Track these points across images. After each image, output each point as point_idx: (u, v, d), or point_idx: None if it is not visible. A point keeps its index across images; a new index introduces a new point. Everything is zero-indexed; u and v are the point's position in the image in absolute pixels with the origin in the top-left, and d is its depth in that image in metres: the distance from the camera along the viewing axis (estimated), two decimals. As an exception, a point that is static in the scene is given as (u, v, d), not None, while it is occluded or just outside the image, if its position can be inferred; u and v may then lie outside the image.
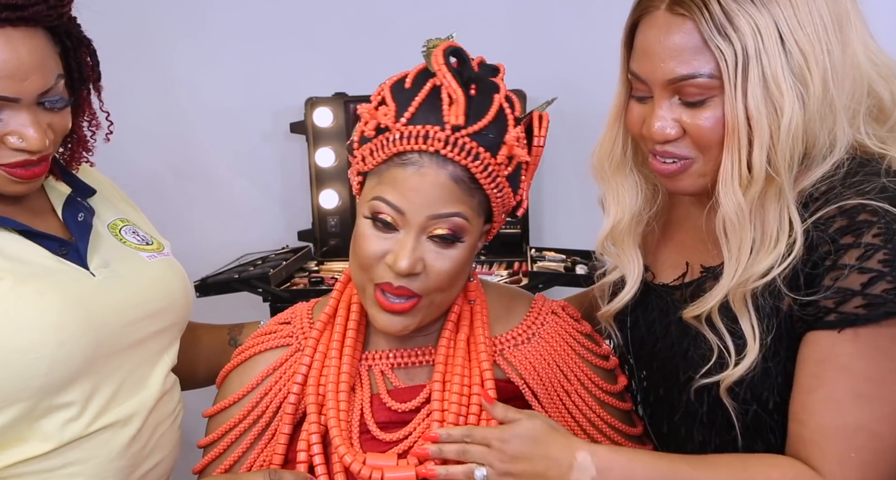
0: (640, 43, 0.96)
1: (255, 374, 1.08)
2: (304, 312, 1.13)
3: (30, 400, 0.95)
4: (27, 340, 0.94)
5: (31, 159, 0.98)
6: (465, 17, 2.23)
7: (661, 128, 0.94)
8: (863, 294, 0.85)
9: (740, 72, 0.88)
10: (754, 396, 0.95)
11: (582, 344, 1.10)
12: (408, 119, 0.93)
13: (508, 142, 0.94)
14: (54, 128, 1.01)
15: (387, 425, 1.01)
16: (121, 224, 1.18)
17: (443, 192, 0.93)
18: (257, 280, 1.86)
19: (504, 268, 2.10)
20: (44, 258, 1.02)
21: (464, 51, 0.96)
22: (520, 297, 1.15)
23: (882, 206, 0.86)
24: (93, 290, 1.03)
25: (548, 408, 1.04)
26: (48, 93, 0.99)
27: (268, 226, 2.35)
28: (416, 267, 0.94)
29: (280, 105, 2.25)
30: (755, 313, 0.93)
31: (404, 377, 1.05)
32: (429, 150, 0.92)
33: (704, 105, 0.92)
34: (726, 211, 0.92)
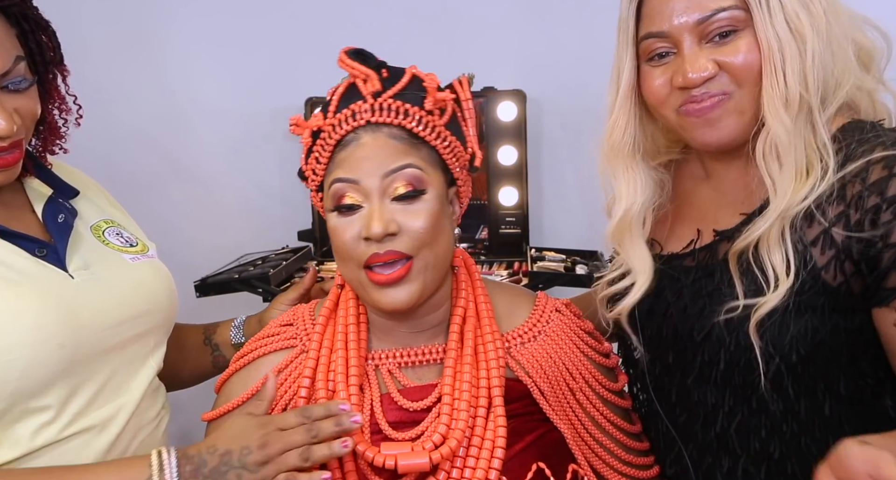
0: (655, 3, 0.99)
1: (259, 377, 1.07)
2: (305, 313, 1.13)
3: (2, 403, 0.93)
4: (1, 343, 0.93)
5: (2, 145, 0.96)
6: (465, 17, 2.23)
7: (699, 69, 0.96)
8: None
9: (763, 4, 0.93)
10: (777, 348, 0.95)
11: (585, 342, 1.11)
12: (333, 111, 0.99)
13: (428, 87, 0.98)
14: (22, 112, 1.00)
15: (398, 424, 1.00)
16: (104, 225, 1.16)
17: (386, 151, 0.96)
18: (257, 280, 1.86)
19: (504, 268, 2.10)
20: (21, 259, 1.00)
21: (365, 51, 1.02)
22: (523, 295, 1.15)
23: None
24: (72, 292, 1.02)
25: (554, 407, 1.04)
26: (8, 75, 0.97)
27: (268, 226, 2.35)
28: (390, 227, 0.95)
29: (280, 105, 2.25)
30: (791, 246, 0.93)
31: (413, 376, 1.05)
32: (360, 124, 0.97)
33: (735, 37, 0.95)
34: (777, 133, 0.94)
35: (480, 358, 1.03)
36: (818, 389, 0.97)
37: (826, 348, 0.95)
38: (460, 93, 1.03)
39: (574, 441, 1.04)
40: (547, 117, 2.25)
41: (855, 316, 0.94)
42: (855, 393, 0.97)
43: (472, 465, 0.96)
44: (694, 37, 0.97)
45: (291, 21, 2.26)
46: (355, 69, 1.00)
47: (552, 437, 1.03)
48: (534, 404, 1.03)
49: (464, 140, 1.03)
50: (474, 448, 0.97)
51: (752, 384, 0.97)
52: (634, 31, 1.02)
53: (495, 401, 1.00)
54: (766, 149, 0.96)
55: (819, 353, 0.95)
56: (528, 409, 1.04)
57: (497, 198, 2.18)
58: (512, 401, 1.02)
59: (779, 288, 0.93)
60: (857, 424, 0.96)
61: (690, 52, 0.97)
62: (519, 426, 1.01)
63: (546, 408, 1.03)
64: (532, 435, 1.02)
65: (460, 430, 0.96)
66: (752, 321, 0.94)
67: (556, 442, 1.03)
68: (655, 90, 1.01)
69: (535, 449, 1.01)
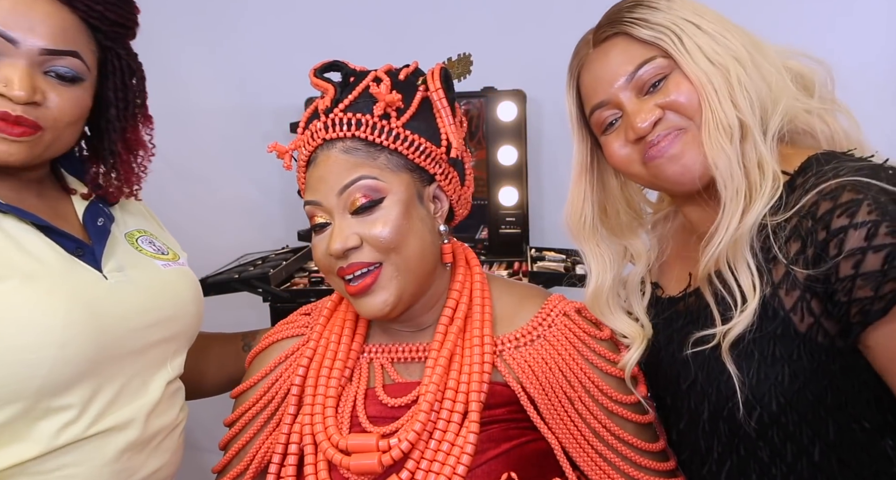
0: (588, 79, 1.06)
1: (270, 361, 1.13)
2: (324, 305, 1.15)
3: (28, 400, 0.94)
4: (30, 339, 0.93)
5: (9, 113, 0.94)
6: (465, 17, 2.23)
7: (644, 116, 1.00)
8: (885, 271, 0.83)
9: (681, 45, 0.99)
10: (756, 397, 0.94)
11: (593, 350, 1.05)
12: (300, 132, 1.04)
13: (375, 93, 0.99)
14: (55, 103, 0.97)
15: (377, 419, 1.01)
16: (138, 234, 1.17)
17: (339, 167, 0.99)
18: (257, 280, 1.86)
19: (504, 268, 2.09)
20: (59, 256, 1.00)
21: (340, 63, 1.05)
22: (532, 296, 1.10)
23: (861, 180, 0.86)
24: (104, 293, 1.02)
25: (546, 416, 1.00)
26: (56, 58, 0.96)
27: (268, 226, 2.35)
28: (349, 242, 0.97)
29: (280, 105, 2.25)
30: (754, 266, 0.94)
31: (404, 372, 1.06)
32: (318, 143, 1.01)
33: (667, 81, 1.00)
34: (719, 161, 0.96)
35: (465, 361, 1.01)
36: (804, 436, 0.95)
37: (808, 394, 0.93)
38: (430, 84, 1.03)
39: (575, 452, 1.01)
40: (547, 117, 2.25)
41: (834, 361, 0.92)
42: (847, 438, 0.94)
43: (436, 470, 0.95)
44: (631, 93, 1.02)
45: (292, 21, 2.26)
46: (318, 85, 1.04)
47: (535, 447, 1.00)
48: (520, 411, 1.00)
49: (435, 133, 1.02)
50: (441, 453, 0.96)
51: (737, 432, 0.97)
52: (579, 114, 1.09)
53: (472, 406, 0.98)
54: (720, 181, 0.97)
55: (800, 400, 0.93)
56: (512, 416, 1.01)
57: (497, 198, 2.18)
58: (496, 406, 1.00)
59: (746, 309, 0.93)
60: (852, 467, 0.94)
61: (633, 107, 1.01)
62: (497, 433, 0.99)
63: (533, 416, 1.00)
64: (509, 444, 0.98)
65: (414, 432, 0.95)
66: (724, 346, 0.94)
67: (540, 453, 1.00)
68: (616, 153, 1.04)
69: (508, 458, 0.97)
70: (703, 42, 0.99)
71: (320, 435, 0.99)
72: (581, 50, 1.09)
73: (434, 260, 1.03)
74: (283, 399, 1.08)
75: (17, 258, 0.96)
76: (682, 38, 0.99)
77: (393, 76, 1.04)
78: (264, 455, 1.07)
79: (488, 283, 1.10)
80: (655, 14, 1.01)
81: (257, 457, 1.07)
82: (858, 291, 0.85)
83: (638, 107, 1.01)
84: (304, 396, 1.05)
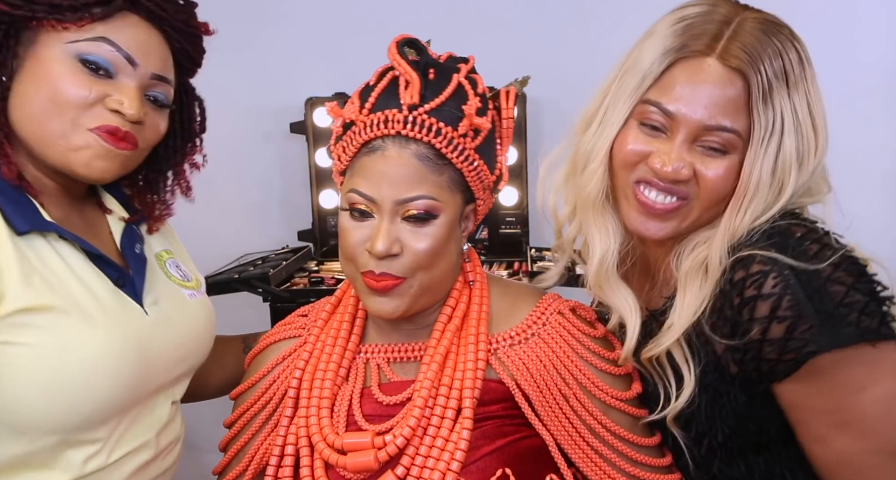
0: (682, 82, 0.97)
1: (268, 362, 1.13)
2: (320, 306, 1.16)
3: (67, 432, 0.95)
4: (85, 377, 0.94)
5: (118, 128, 0.98)
6: (465, 16, 2.23)
7: (678, 168, 0.97)
8: (787, 340, 0.90)
9: (766, 140, 0.95)
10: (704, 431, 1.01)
11: (588, 348, 1.06)
12: (369, 109, 0.97)
13: (467, 111, 0.96)
14: (146, 123, 1.02)
15: (373, 417, 1.02)
16: (166, 256, 1.18)
17: (407, 173, 0.95)
18: (257, 280, 1.86)
19: (504, 268, 2.10)
20: (105, 288, 1.01)
21: (419, 41, 1.00)
22: (527, 295, 1.12)
23: (766, 255, 0.92)
24: (147, 332, 1.03)
25: (541, 413, 1.01)
26: (159, 84, 1.03)
27: (268, 226, 2.35)
28: (393, 249, 0.96)
29: (280, 105, 2.25)
30: (688, 349, 0.99)
31: (399, 371, 1.06)
32: (390, 133, 0.96)
33: (722, 157, 0.97)
34: (712, 261, 0.97)
35: (460, 359, 1.02)
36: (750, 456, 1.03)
37: (749, 425, 1.00)
38: (503, 107, 1.02)
39: (570, 449, 1.01)
40: (547, 117, 2.25)
41: (765, 398, 0.98)
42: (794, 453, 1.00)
43: (430, 466, 0.96)
44: (690, 134, 0.97)
45: (292, 21, 2.26)
46: (401, 66, 0.98)
47: (528, 443, 1.01)
48: (515, 407, 1.01)
49: (493, 162, 1.02)
50: (436, 449, 0.97)
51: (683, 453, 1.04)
52: (645, 89, 1.00)
53: (465, 403, 0.99)
54: (693, 265, 0.99)
55: (744, 431, 1.00)
56: (507, 412, 1.02)
57: (497, 198, 2.18)
58: (490, 403, 1.01)
59: (684, 391, 0.99)
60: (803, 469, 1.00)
61: (680, 149, 0.98)
62: (491, 429, 1.00)
63: (528, 412, 1.01)
64: (503, 440, 0.99)
65: (409, 427, 0.96)
66: (668, 418, 1.01)
67: (535, 449, 1.01)
68: (629, 151, 1.02)
69: (503, 454, 0.98)
70: (788, 147, 0.96)
71: (315, 437, 1.00)
72: (702, 37, 0.97)
73: (454, 278, 1.06)
74: (281, 400, 1.08)
75: (76, 290, 0.97)
76: (773, 136, 0.95)
77: (472, 84, 1.00)
78: (263, 455, 1.07)
79: (487, 283, 1.11)
80: (783, 85, 0.95)
81: (256, 458, 1.08)
82: (765, 354, 0.92)
83: (684, 153, 0.97)
84: (300, 399, 1.05)
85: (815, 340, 0.88)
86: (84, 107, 0.96)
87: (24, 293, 0.90)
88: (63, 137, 0.96)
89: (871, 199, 2.13)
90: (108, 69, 0.97)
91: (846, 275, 0.90)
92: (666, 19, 1.01)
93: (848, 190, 1.05)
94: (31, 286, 0.91)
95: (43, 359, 0.91)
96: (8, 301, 0.89)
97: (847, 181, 1.08)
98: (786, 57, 0.96)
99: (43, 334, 0.91)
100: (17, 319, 0.90)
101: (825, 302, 0.89)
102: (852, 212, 1.01)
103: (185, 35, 1.06)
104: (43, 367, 0.91)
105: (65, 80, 0.95)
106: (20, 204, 0.96)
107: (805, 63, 0.98)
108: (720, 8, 0.99)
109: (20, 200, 0.96)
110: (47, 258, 0.96)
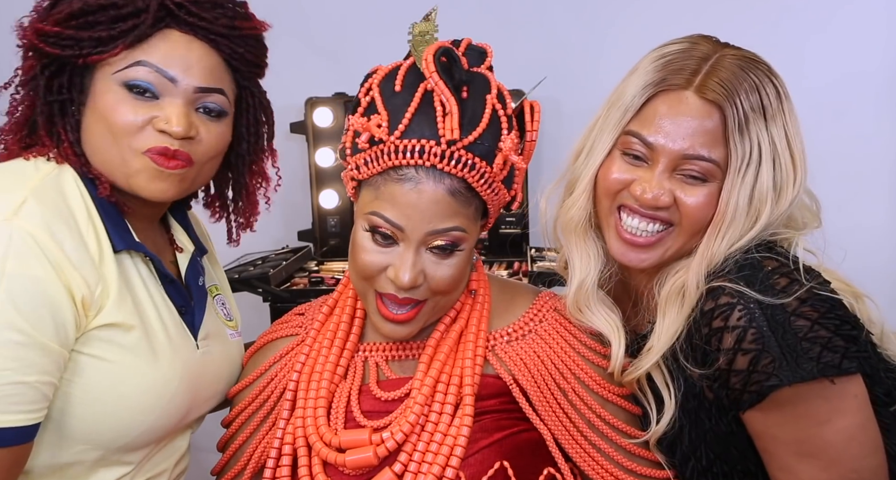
0: (661, 114, 1.02)
1: (265, 360, 1.13)
2: (318, 305, 1.16)
3: (109, 451, 0.97)
4: (143, 400, 0.97)
5: (168, 147, 0.98)
6: (465, 16, 2.22)
7: (657, 194, 1.01)
8: (750, 372, 0.93)
9: (743, 169, 0.99)
10: (689, 453, 1.03)
11: (584, 343, 1.08)
12: (402, 132, 0.94)
13: (504, 150, 0.96)
14: (203, 137, 1.01)
15: (371, 413, 1.02)
16: (215, 291, 1.19)
17: (440, 207, 0.94)
18: (257, 280, 1.86)
19: (504, 268, 2.10)
20: (172, 315, 1.03)
21: (454, 50, 0.96)
22: (524, 293, 1.13)
23: (734, 288, 0.95)
24: (197, 366, 1.05)
25: (538, 407, 1.02)
26: (207, 95, 1.01)
27: (268, 226, 2.35)
28: (418, 280, 0.96)
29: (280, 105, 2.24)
30: (668, 374, 1.01)
31: (397, 369, 1.07)
32: (425, 165, 0.93)
33: (703, 184, 1.01)
34: (689, 286, 0.99)
35: (458, 356, 1.03)
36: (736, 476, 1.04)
37: (733, 450, 1.02)
38: (527, 122, 1.02)
39: (567, 443, 1.02)
40: (547, 117, 2.25)
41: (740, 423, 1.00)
42: None
43: (429, 460, 0.96)
44: (670, 163, 1.01)
45: (292, 21, 2.26)
46: (438, 86, 0.93)
47: (526, 437, 1.01)
48: (512, 402, 1.02)
49: (510, 180, 1.02)
50: (434, 444, 0.97)
51: None
52: (627, 121, 1.05)
53: (465, 400, 1.00)
54: (673, 289, 1.01)
55: (728, 455, 1.02)
56: (504, 406, 1.03)
57: (497, 198, 2.18)
58: (487, 398, 1.02)
59: (665, 414, 1.01)
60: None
61: (661, 177, 1.01)
62: (489, 423, 1.00)
63: (525, 407, 1.02)
64: (501, 433, 1.00)
65: (408, 423, 0.97)
66: (651, 443, 1.04)
67: (532, 443, 1.01)
68: (612, 179, 1.05)
69: (500, 447, 0.99)
70: (766, 175, 0.99)
71: (313, 436, 1.00)
72: (682, 72, 1.02)
73: (462, 291, 1.07)
74: (279, 398, 1.08)
75: (151, 314, 1.00)
76: (749, 166, 0.99)
77: (502, 103, 0.99)
78: (261, 454, 1.07)
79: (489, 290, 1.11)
80: (760, 117, 0.99)
81: (254, 457, 1.08)
82: (732, 384, 0.95)
83: (663, 182, 1.01)
84: (297, 399, 1.06)
85: (777, 374, 0.91)
86: (135, 131, 0.97)
87: (118, 310, 0.95)
88: (123, 164, 0.98)
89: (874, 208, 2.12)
90: (153, 90, 0.97)
91: (811, 310, 0.93)
92: (648, 56, 1.06)
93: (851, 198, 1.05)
94: (124, 303, 0.96)
95: (115, 376, 0.95)
96: (103, 314, 0.93)
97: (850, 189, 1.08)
98: (762, 91, 1.00)
99: (120, 353, 0.95)
100: (103, 333, 0.94)
101: (787, 336, 0.92)
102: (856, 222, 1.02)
103: (233, 39, 1.03)
104: (112, 384, 0.94)
105: (115, 108, 0.97)
106: (116, 223, 0.99)
107: (783, 97, 1.02)
108: (700, 45, 1.04)
109: (116, 220, 0.99)
110: (132, 278, 0.99)
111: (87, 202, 0.97)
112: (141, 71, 0.97)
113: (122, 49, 0.96)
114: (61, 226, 0.91)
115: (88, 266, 0.92)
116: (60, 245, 0.90)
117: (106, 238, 0.96)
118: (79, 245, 0.92)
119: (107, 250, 0.96)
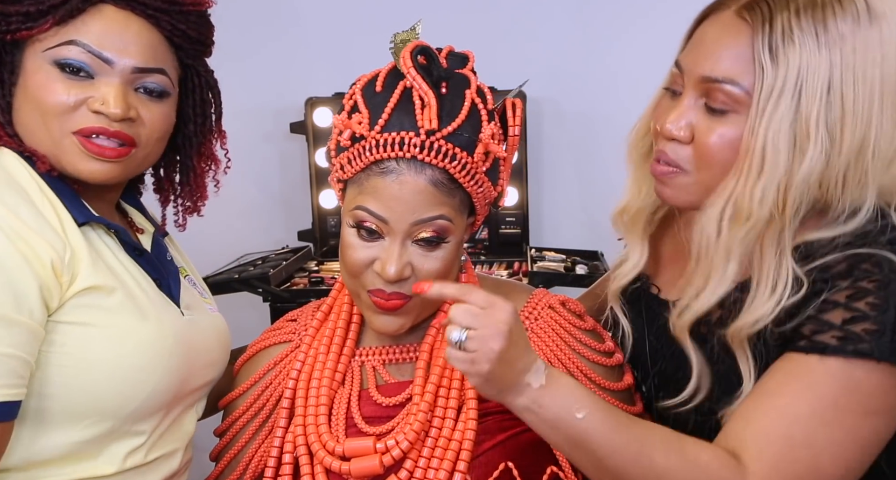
0: (696, 35, 0.94)
1: (259, 368, 1.12)
2: (310, 310, 1.15)
3: (118, 421, 0.95)
4: (143, 361, 0.95)
5: (106, 129, 0.95)
6: (465, 17, 2.23)
7: (674, 125, 0.92)
8: (841, 328, 0.83)
9: (773, 99, 0.84)
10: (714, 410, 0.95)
11: (579, 340, 1.08)
12: (382, 126, 0.94)
13: (484, 139, 0.95)
14: (146, 118, 0.99)
15: (372, 419, 1.02)
16: (185, 272, 1.18)
17: (423, 197, 0.94)
18: (257, 280, 1.87)
19: (504, 268, 2.10)
20: (151, 287, 1.02)
21: (431, 49, 0.98)
22: (517, 292, 1.13)
23: (887, 256, 0.83)
24: (186, 330, 1.04)
25: None
26: (146, 76, 0.97)
27: (268, 226, 2.35)
28: (405, 273, 0.96)
29: (280, 105, 2.26)
30: (752, 354, 0.90)
31: (395, 373, 1.06)
32: (405, 157, 0.94)
33: (725, 117, 0.89)
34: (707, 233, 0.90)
35: None
36: None
37: None
38: (510, 119, 1.01)
39: None
40: (547, 117, 2.25)
41: None
42: None
43: (435, 466, 0.96)
44: (696, 91, 0.91)
45: (292, 21, 2.27)
46: (416, 81, 0.95)
47: (528, 437, 0.99)
48: None
49: (496, 176, 1.01)
50: (440, 449, 0.97)
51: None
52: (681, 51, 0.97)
53: (469, 403, 0.99)
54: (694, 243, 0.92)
55: None
56: (505, 407, 1.00)
57: (497, 198, 2.19)
58: (488, 399, 1.00)
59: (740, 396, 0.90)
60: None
61: (682, 105, 0.92)
62: (492, 425, 1.00)
63: None
64: (504, 434, 1.00)
65: (413, 431, 0.96)
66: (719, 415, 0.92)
67: (534, 442, 0.99)
68: (657, 117, 0.99)
69: (504, 449, 0.99)
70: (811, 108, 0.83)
71: (315, 445, 0.99)
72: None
73: None
74: (275, 406, 1.08)
75: (129, 280, 0.97)
76: (783, 93, 0.83)
77: (483, 99, 0.98)
78: (258, 463, 1.06)
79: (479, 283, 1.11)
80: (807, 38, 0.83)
81: (251, 466, 1.07)
82: (803, 327, 0.85)
83: (686, 110, 0.92)
84: (295, 406, 1.05)
85: (873, 342, 0.81)
86: (66, 112, 0.94)
87: (93, 274, 0.92)
88: (54, 145, 0.95)
89: None
90: (87, 70, 0.94)
91: None
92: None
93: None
94: (98, 269, 0.93)
95: (107, 340, 0.92)
96: (80, 279, 0.91)
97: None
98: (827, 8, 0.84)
99: (107, 316, 0.93)
100: (84, 299, 0.91)
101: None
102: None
103: (174, 15, 0.99)
104: (106, 348, 0.92)
105: (46, 87, 0.94)
106: (71, 199, 0.96)
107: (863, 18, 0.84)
108: None
109: (70, 196, 0.96)
110: (101, 249, 0.97)
111: (37, 179, 0.95)
112: (73, 50, 0.93)
113: (51, 24, 0.92)
114: (12, 195, 0.89)
115: (50, 231, 0.89)
116: (14, 211, 0.88)
117: (64, 210, 0.94)
118: (35, 213, 0.90)
119: (68, 221, 0.93)
